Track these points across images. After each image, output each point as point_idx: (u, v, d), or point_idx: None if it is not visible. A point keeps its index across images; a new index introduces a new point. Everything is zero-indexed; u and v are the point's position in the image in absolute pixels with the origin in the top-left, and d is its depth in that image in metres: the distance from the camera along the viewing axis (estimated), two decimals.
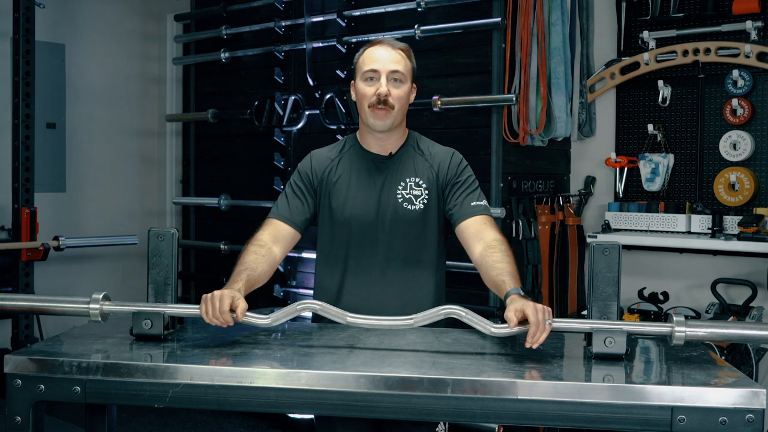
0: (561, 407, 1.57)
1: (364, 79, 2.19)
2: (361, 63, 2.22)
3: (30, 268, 4.26)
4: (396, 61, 2.18)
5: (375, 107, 2.17)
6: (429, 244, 2.24)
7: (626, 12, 3.80)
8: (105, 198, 5.19)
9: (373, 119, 2.19)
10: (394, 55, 2.19)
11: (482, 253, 2.07)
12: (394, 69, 2.17)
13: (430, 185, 2.23)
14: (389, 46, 2.20)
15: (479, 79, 3.55)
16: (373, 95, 2.16)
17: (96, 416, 2.03)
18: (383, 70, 2.16)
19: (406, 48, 2.24)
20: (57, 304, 1.90)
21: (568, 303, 3.84)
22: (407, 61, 2.22)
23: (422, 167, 2.24)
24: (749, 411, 1.51)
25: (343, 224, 2.23)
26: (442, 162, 2.25)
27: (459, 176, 2.24)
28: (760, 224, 3.34)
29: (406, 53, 2.23)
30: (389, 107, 2.16)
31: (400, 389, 1.60)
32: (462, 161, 2.27)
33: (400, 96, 2.18)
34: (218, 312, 1.86)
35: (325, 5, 4.11)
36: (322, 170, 2.28)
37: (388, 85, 2.16)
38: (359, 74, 2.22)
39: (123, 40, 5.28)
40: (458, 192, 2.21)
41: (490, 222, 2.18)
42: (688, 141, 3.70)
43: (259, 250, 2.13)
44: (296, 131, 4.20)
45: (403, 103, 2.20)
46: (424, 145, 2.30)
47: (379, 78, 2.16)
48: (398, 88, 2.18)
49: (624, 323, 1.76)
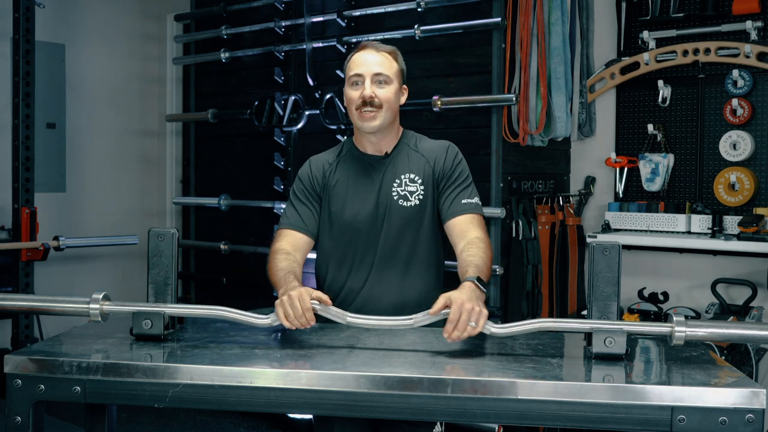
0: (561, 407, 1.57)
1: (350, 84, 2.22)
2: (347, 69, 2.25)
3: (30, 268, 4.26)
4: (379, 64, 2.19)
5: (361, 110, 2.19)
6: (426, 240, 2.24)
7: (626, 12, 3.80)
8: (105, 198, 5.19)
9: (361, 122, 2.20)
10: (378, 57, 2.21)
11: (461, 250, 2.10)
12: (377, 72, 2.19)
13: (426, 180, 2.23)
14: (373, 49, 2.22)
15: (479, 79, 3.55)
16: (358, 98, 2.19)
17: (96, 416, 2.03)
18: (367, 74, 2.19)
19: (391, 50, 2.25)
20: (57, 304, 1.90)
21: (568, 303, 3.84)
22: (393, 63, 2.23)
23: (417, 163, 2.25)
24: (749, 411, 1.51)
25: (343, 226, 2.24)
26: (438, 156, 2.25)
27: (454, 170, 2.24)
28: (760, 224, 3.34)
29: (392, 55, 2.24)
30: (376, 108, 2.18)
31: (400, 389, 1.60)
32: (458, 155, 2.28)
33: (387, 97, 2.19)
34: (301, 312, 1.87)
35: (325, 5, 4.11)
36: (321, 175, 2.30)
37: (373, 87, 2.18)
38: (346, 80, 2.25)
39: (123, 40, 5.28)
40: (451, 187, 2.22)
41: (477, 221, 2.19)
42: (688, 141, 3.70)
43: (288, 257, 2.15)
44: (296, 131, 4.20)
45: (391, 104, 2.21)
46: (419, 141, 2.31)
47: (363, 81, 2.19)
48: (383, 89, 2.19)
49: (624, 323, 1.76)
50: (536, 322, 1.80)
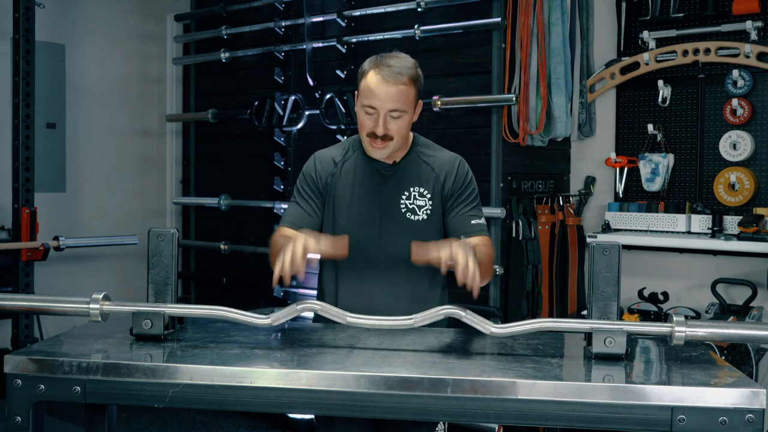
0: (561, 407, 1.57)
1: (363, 109, 2.14)
2: (362, 88, 2.14)
3: (30, 268, 4.26)
4: (395, 99, 2.09)
5: (372, 139, 2.15)
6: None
7: (626, 12, 3.80)
8: (105, 198, 5.19)
9: (371, 149, 2.17)
10: (395, 92, 2.09)
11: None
12: (392, 108, 2.10)
13: (435, 195, 2.22)
14: (391, 81, 2.09)
15: (479, 79, 3.55)
16: (371, 129, 2.13)
17: (96, 416, 2.03)
18: (381, 109, 2.10)
19: (410, 76, 2.12)
20: (57, 304, 1.90)
21: (568, 303, 3.84)
22: (410, 90, 2.13)
23: (427, 177, 2.22)
24: (749, 411, 1.51)
25: (345, 230, 2.20)
26: (449, 172, 2.22)
27: (464, 189, 2.22)
28: (760, 224, 3.34)
29: (411, 79, 2.12)
30: (388, 139, 2.14)
31: (400, 389, 1.60)
32: (468, 172, 2.25)
33: (400, 128, 2.14)
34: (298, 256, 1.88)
35: (325, 5, 4.11)
36: (326, 173, 2.26)
37: (386, 122, 2.11)
38: (359, 99, 2.17)
39: (123, 40, 5.28)
40: (460, 206, 2.20)
41: (485, 242, 2.18)
42: (688, 141, 3.70)
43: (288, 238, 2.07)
44: (296, 131, 4.20)
45: (403, 134, 2.17)
46: (430, 151, 2.27)
47: (377, 115, 2.11)
48: (398, 121, 2.12)
49: (624, 323, 1.76)
50: (536, 322, 1.80)
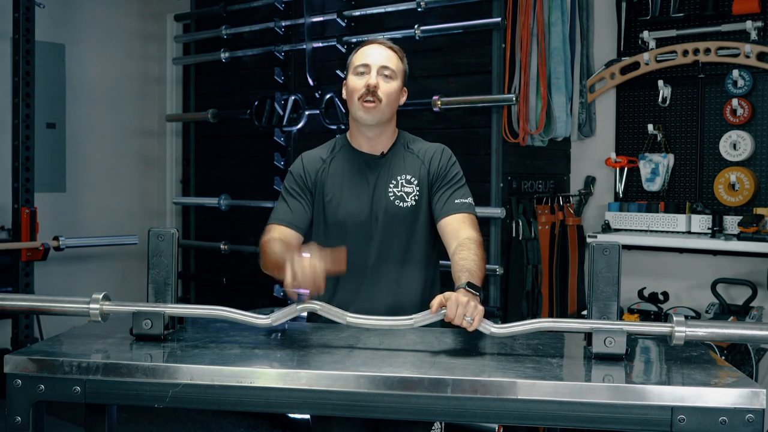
0: (561, 407, 1.57)
1: (355, 74, 2.23)
2: (352, 60, 2.27)
3: (30, 268, 4.26)
4: (387, 58, 2.22)
5: (364, 100, 2.19)
6: (420, 240, 2.24)
7: (626, 12, 3.80)
8: (105, 198, 5.19)
9: (361, 112, 2.20)
10: (387, 52, 2.24)
11: (453, 252, 2.10)
12: (384, 65, 2.21)
13: (421, 181, 2.24)
14: (382, 44, 2.26)
15: (479, 79, 3.55)
16: (362, 87, 2.19)
17: (96, 416, 2.03)
18: (374, 65, 2.21)
19: (399, 50, 2.28)
20: (57, 304, 1.90)
21: (568, 303, 3.84)
22: (399, 62, 2.26)
23: (413, 164, 2.26)
24: (749, 411, 1.51)
25: (337, 224, 2.23)
26: (434, 157, 2.26)
27: (448, 171, 2.25)
28: (760, 224, 3.34)
29: (399, 54, 2.27)
30: (378, 100, 2.18)
31: (400, 389, 1.60)
32: (451, 157, 2.29)
33: (389, 91, 2.21)
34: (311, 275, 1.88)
35: (325, 5, 4.11)
36: (314, 171, 2.29)
37: (378, 78, 2.20)
38: (351, 69, 2.26)
39: (123, 40, 5.28)
40: (444, 187, 2.23)
41: (470, 220, 2.19)
42: (688, 141, 3.70)
43: (282, 244, 2.12)
44: (296, 131, 4.20)
45: (391, 100, 2.22)
46: (414, 143, 2.32)
47: (369, 72, 2.21)
48: (387, 83, 2.21)
49: (624, 323, 1.76)
50: (536, 322, 1.80)
